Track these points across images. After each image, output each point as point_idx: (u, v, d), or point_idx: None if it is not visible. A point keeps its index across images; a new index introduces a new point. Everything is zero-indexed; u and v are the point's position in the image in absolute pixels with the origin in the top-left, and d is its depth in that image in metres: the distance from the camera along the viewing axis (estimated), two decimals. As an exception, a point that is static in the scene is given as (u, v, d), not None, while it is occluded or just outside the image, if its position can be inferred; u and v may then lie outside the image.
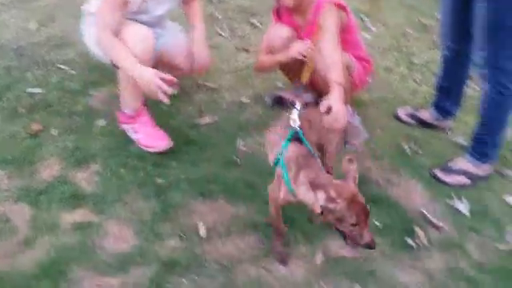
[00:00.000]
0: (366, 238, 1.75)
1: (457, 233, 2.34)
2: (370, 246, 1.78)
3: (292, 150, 1.96)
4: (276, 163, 2.01)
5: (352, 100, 2.72)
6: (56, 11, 3.72)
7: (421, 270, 2.15)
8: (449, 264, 2.18)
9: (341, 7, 2.56)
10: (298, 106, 2.12)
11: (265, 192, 2.42)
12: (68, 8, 3.67)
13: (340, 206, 1.68)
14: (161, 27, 2.64)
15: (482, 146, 2.58)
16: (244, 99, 3.09)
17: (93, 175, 2.46)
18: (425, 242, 2.26)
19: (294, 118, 2.06)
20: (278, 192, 1.97)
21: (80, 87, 3.01)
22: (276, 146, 2.06)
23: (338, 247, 2.20)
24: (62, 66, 3.17)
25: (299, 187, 1.84)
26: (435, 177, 2.63)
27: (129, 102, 2.59)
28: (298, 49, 2.59)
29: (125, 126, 2.67)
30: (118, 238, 2.18)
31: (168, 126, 2.76)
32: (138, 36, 2.35)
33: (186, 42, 2.66)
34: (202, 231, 2.23)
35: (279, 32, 2.73)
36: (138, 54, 2.31)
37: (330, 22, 2.49)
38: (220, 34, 3.66)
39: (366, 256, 2.18)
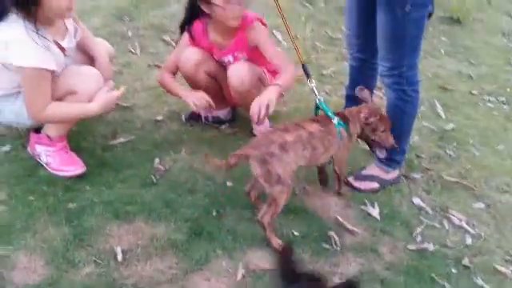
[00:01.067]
0: (391, 140, 2.52)
1: (370, 236, 2.43)
2: (394, 145, 2.53)
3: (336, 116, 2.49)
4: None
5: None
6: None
7: (338, 275, 2.21)
8: (363, 267, 2.26)
9: (262, 23, 2.68)
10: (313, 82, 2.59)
11: (183, 209, 2.40)
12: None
13: (375, 119, 2.47)
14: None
15: (390, 152, 2.71)
16: (159, 117, 3.05)
17: (-2, 205, 2.33)
18: (341, 247, 2.32)
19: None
20: (347, 150, 2.53)
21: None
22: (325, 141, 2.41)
23: (258, 260, 2.22)
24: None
25: (355, 126, 2.51)
26: (349, 184, 2.72)
27: (58, 128, 2.53)
28: (194, 100, 2.68)
29: (38, 148, 2.55)
30: (28, 269, 2.06)
31: (80, 148, 2.67)
32: (90, 80, 2.45)
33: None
34: (119, 255, 2.16)
35: (190, 55, 2.75)
36: (94, 92, 2.44)
37: (263, 37, 2.71)
38: (131, 52, 3.61)
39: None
